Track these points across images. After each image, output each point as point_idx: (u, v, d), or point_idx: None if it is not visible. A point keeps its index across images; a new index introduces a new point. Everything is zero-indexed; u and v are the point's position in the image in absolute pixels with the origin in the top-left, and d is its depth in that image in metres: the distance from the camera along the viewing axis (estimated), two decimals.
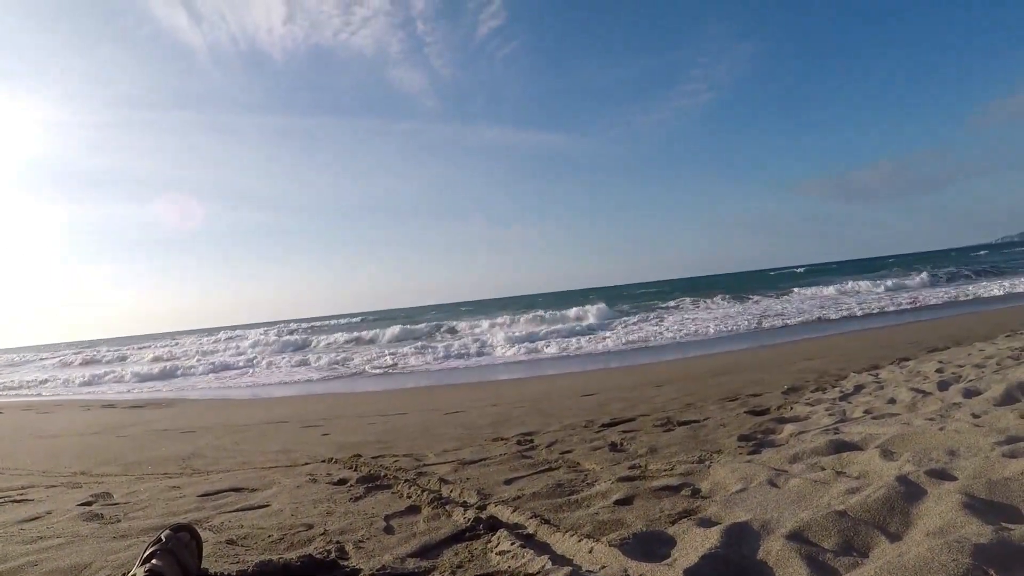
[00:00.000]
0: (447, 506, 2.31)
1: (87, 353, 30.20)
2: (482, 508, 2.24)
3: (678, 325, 16.98)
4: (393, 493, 2.64)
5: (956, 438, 2.41)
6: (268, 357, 19.88)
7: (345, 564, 1.80)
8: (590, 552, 1.68)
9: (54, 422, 7.92)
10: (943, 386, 3.77)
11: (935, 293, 19.42)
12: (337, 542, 2.00)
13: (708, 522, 1.84)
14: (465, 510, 2.21)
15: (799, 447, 2.65)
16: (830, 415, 3.40)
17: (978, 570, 1.29)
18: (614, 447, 3.24)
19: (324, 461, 3.59)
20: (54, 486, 3.36)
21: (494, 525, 2.01)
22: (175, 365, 19.49)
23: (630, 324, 18.77)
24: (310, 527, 2.19)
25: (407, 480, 2.81)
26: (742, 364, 7.82)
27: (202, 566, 1.75)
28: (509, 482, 2.69)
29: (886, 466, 2.15)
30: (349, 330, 29.77)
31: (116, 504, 2.80)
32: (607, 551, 1.65)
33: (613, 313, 22.34)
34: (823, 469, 2.27)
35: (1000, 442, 2.26)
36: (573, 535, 1.81)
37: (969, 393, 3.41)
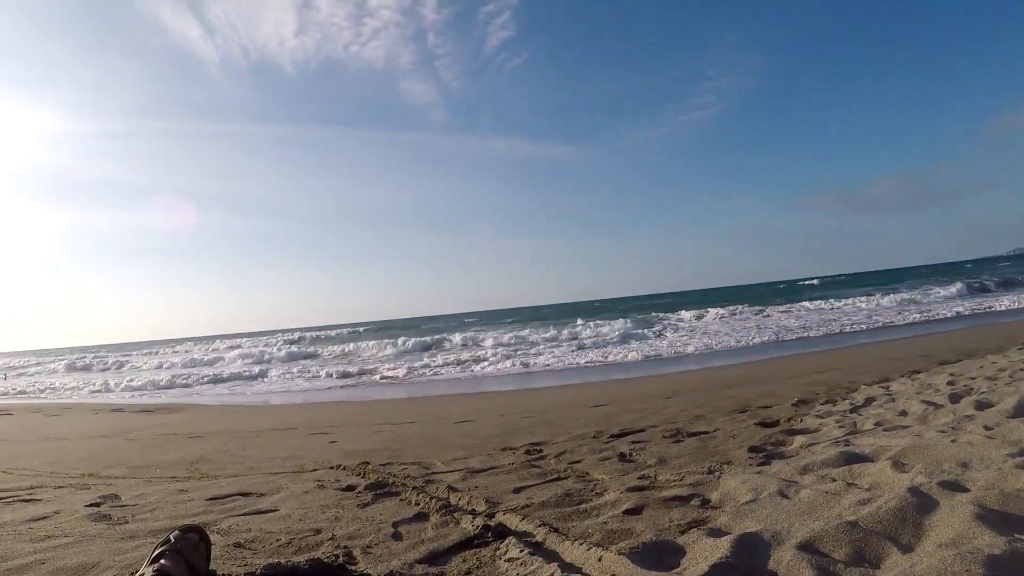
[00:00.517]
0: (455, 513, 2.30)
1: (89, 358, 30.57)
2: (491, 516, 2.23)
3: (687, 337, 16.93)
4: (401, 500, 2.64)
5: (968, 450, 2.39)
6: (275, 365, 19.99)
7: (353, 569, 1.80)
8: (599, 561, 1.67)
9: (63, 425, 7.99)
10: (955, 398, 3.73)
11: (947, 305, 19.26)
12: (345, 547, 2.00)
13: (718, 532, 1.83)
14: (474, 518, 2.20)
15: (809, 458, 2.63)
16: (841, 427, 3.37)
17: None
18: (623, 457, 3.22)
19: (332, 467, 3.59)
20: (62, 487, 3.38)
21: (503, 533, 2.01)
22: (183, 372, 19.64)
23: (640, 336, 18.72)
24: (318, 532, 2.20)
25: (415, 487, 2.80)
26: (752, 376, 7.78)
27: (210, 568, 1.76)
28: (518, 491, 2.68)
29: (898, 477, 2.13)
30: (356, 339, 29.93)
31: (124, 506, 2.81)
32: (616, 560, 1.64)
33: (622, 325, 22.29)
34: (834, 480, 2.25)
35: (1013, 454, 2.24)
36: (582, 544, 1.80)
37: (981, 405, 3.38)
